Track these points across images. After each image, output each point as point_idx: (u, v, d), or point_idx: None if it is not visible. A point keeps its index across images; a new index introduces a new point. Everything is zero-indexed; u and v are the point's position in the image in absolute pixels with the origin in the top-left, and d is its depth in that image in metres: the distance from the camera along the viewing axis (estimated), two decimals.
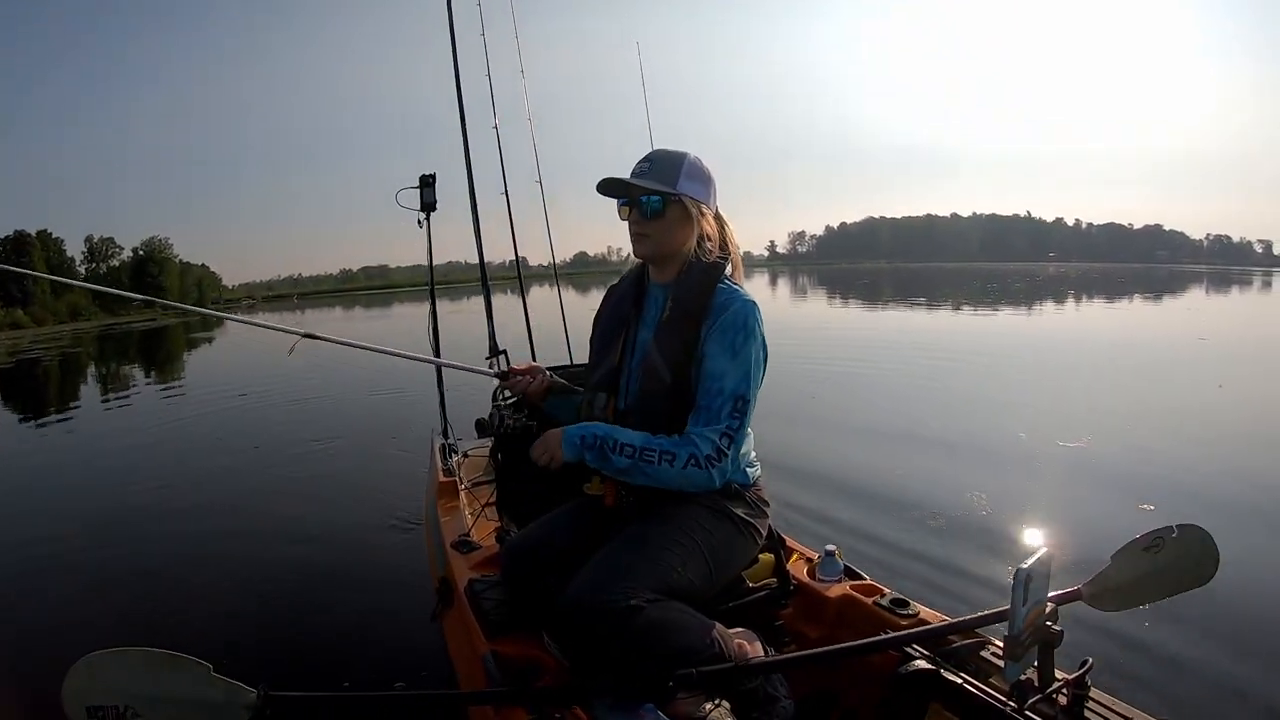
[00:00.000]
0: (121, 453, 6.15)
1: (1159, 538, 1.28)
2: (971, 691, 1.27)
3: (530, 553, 1.44)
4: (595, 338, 1.59)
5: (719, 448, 1.32)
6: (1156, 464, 4.14)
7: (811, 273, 64.46)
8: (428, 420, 3.61)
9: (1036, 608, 1.12)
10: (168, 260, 71.26)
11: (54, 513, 4.35)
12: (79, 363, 17.05)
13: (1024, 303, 20.37)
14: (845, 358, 9.13)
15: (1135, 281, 34.76)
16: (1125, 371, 7.81)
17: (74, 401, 10.27)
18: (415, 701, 1.43)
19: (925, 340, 11.45)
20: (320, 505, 4.09)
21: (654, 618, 1.23)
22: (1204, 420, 5.32)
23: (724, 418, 1.32)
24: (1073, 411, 5.54)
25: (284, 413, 7.25)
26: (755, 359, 1.36)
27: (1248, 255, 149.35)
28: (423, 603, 2.21)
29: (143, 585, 3.10)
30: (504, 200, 3.27)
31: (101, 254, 69.39)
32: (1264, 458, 4.32)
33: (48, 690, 1.17)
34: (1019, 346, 10.61)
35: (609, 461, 1.33)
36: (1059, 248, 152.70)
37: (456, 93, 3.03)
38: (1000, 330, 13.47)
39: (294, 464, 5.24)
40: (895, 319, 16.60)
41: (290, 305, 57.53)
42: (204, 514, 4.07)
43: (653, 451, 1.31)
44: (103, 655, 1.13)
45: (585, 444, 1.33)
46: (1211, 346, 10.07)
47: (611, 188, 1.43)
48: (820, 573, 1.71)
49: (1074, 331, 13.38)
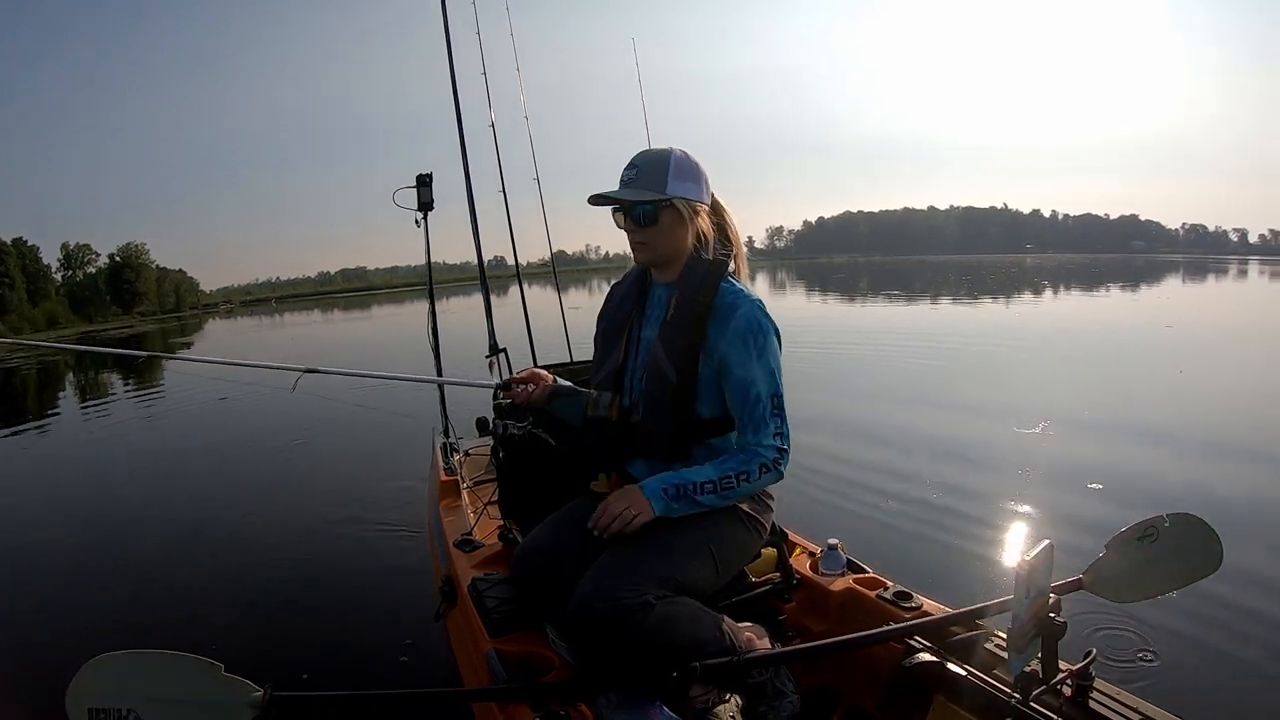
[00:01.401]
0: (119, 457, 6.15)
1: (1151, 527, 1.29)
2: (975, 683, 1.27)
3: (540, 556, 1.44)
4: (599, 336, 1.58)
5: (779, 449, 1.34)
6: (1110, 446, 4.31)
7: (790, 268, 64.72)
8: (428, 419, 3.61)
9: (1039, 599, 1.12)
10: (145, 266, 70.83)
11: (55, 517, 4.34)
12: (57, 371, 16.61)
13: (998, 294, 20.67)
14: (830, 349, 9.23)
15: (1111, 272, 35.43)
16: (1091, 359, 8.04)
17: (52, 409, 10.17)
18: (420, 699, 1.43)
19: (907, 332, 11.64)
20: (321, 505, 4.09)
21: (665, 614, 1.24)
22: (1161, 403, 5.57)
23: (770, 419, 1.34)
24: (1034, 398, 5.70)
25: (283, 414, 7.24)
26: (774, 355, 1.36)
27: (1223, 244, 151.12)
28: (426, 602, 2.21)
29: (144, 587, 3.10)
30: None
31: (78, 260, 68.75)
32: (1214, 435, 4.54)
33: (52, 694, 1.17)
34: (989, 336, 10.74)
35: (697, 504, 1.33)
36: (1036, 239, 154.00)
37: (453, 92, 3.03)
38: (974, 321, 13.66)
39: (294, 464, 5.25)
40: (876, 313, 16.74)
41: (268, 309, 57.23)
42: (204, 516, 4.06)
43: (730, 478, 1.33)
44: (108, 657, 1.12)
45: (670, 496, 1.32)
46: (1177, 334, 10.37)
47: (600, 201, 1.42)
48: (823, 566, 1.72)
49: (1047, 321, 13.54)
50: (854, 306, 18.87)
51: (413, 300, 36.86)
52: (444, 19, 3.00)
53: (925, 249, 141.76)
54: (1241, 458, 4.09)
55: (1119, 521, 1.36)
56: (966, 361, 8.21)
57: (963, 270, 39.71)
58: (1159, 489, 3.55)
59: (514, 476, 1.92)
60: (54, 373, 16.13)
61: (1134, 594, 1.32)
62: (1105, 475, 3.66)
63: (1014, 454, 4.20)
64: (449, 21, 3.00)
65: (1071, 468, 3.85)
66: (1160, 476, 3.77)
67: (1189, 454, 4.16)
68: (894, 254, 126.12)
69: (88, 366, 15.99)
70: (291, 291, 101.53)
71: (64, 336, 31.31)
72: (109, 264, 69.25)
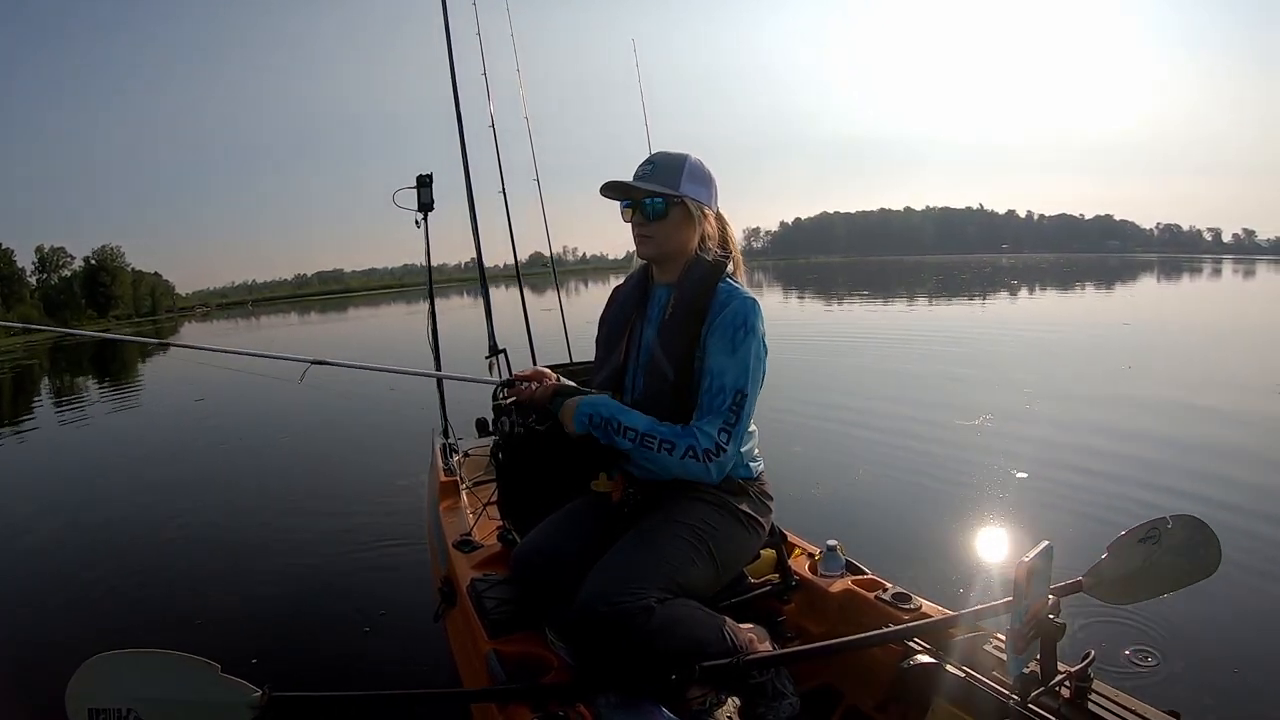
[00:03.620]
0: (115, 458, 6.14)
1: (1155, 529, 1.29)
2: (974, 685, 1.27)
3: (540, 557, 1.44)
4: (601, 337, 1.59)
5: (718, 442, 1.33)
6: (1051, 438, 4.47)
7: (768, 269, 65.23)
8: (428, 420, 3.61)
9: (1038, 601, 1.12)
10: (120, 269, 70.49)
11: (56, 517, 4.33)
12: (32, 375, 16.30)
13: (970, 294, 20.98)
14: (819, 349, 9.30)
15: (1083, 271, 35.99)
16: (1045, 355, 8.25)
17: (28, 414, 9.99)
18: (419, 700, 1.43)
19: (886, 331, 11.79)
20: (321, 505, 4.09)
21: (668, 616, 1.25)
22: (1100, 398, 5.74)
23: (723, 412, 1.34)
24: (979, 394, 5.87)
25: (282, 414, 7.24)
26: (755, 355, 1.37)
27: (1197, 243, 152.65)
28: (425, 602, 2.21)
29: (142, 587, 3.10)
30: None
31: (53, 264, 68.09)
32: (1151, 425, 4.77)
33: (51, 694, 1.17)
34: (954, 334, 10.87)
35: (613, 441, 1.36)
36: (1012, 239, 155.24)
37: (453, 93, 3.03)
38: (948, 320, 13.84)
39: (294, 465, 5.24)
40: (858, 313, 16.82)
41: (245, 311, 57.06)
42: (202, 516, 4.06)
43: (653, 438, 1.34)
44: (108, 657, 1.12)
45: (594, 422, 1.37)
46: (1133, 331, 10.71)
47: (614, 190, 1.44)
48: (822, 568, 1.71)
49: (1012, 320, 13.71)
50: (830, 306, 18.97)
51: (389, 302, 36.99)
52: (444, 18, 3.00)
53: (902, 250, 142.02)
54: (1173, 448, 4.25)
55: (1031, 515, 1.37)
56: (912, 358, 8.43)
57: (937, 270, 40.43)
58: (1085, 481, 3.66)
59: (514, 477, 1.92)
60: (30, 376, 15.86)
61: (1133, 596, 1.32)
62: (1031, 465, 3.89)
63: (969, 445, 4.40)
64: (449, 22, 3.00)
65: (1002, 458, 4.02)
66: (1086, 469, 3.87)
67: (1123, 445, 4.32)
68: (870, 254, 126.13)
69: (62, 371, 15.94)
70: (268, 295, 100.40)
71: (39, 341, 30.96)
72: (84, 267, 68.76)
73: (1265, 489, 3.46)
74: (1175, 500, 3.23)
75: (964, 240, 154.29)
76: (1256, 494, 3.38)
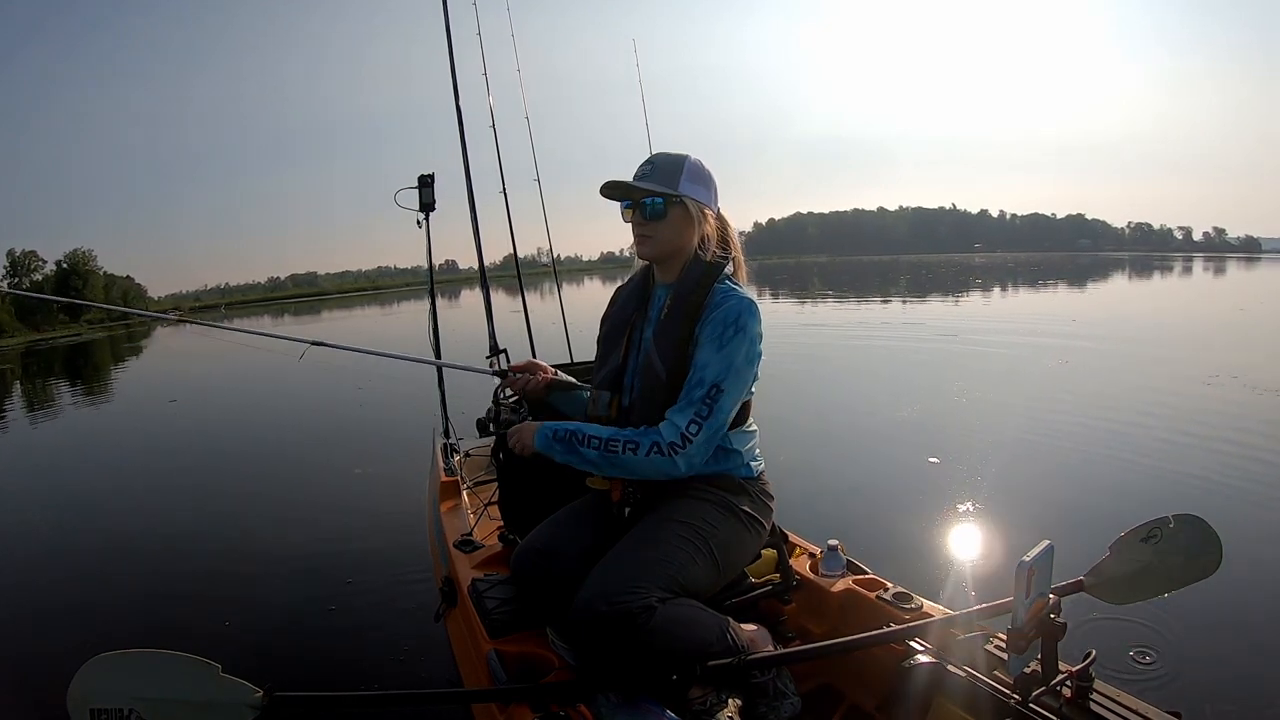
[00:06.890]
0: (114, 458, 6.13)
1: (1156, 528, 1.29)
2: (975, 685, 1.27)
3: (541, 558, 1.44)
4: (601, 338, 1.59)
5: (684, 434, 1.31)
6: (1051, 438, 4.53)
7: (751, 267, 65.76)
8: (428, 420, 3.60)
9: (1039, 600, 1.12)
10: (92, 273, 69.47)
11: (56, 517, 4.34)
12: (5, 380, 15.86)
13: (932, 293, 21.12)
14: (819, 349, 9.32)
15: (1051, 269, 36.30)
16: (983, 354, 8.44)
17: (5, 415, 9.98)
18: (420, 700, 1.43)
19: (886, 331, 11.78)
20: (321, 506, 4.08)
21: (669, 616, 1.24)
22: (1033, 392, 5.94)
23: (696, 403, 1.32)
24: (978, 392, 6.00)
25: (282, 414, 7.24)
26: (743, 354, 1.35)
27: (1168, 242, 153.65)
28: (426, 602, 2.21)
29: (143, 587, 3.09)
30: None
31: (24, 268, 66.82)
32: (1074, 420, 4.92)
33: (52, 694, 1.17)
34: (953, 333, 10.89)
35: (578, 454, 1.36)
36: (985, 238, 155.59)
37: (454, 91, 3.02)
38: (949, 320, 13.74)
39: (294, 465, 5.24)
40: (834, 311, 16.80)
41: (218, 315, 56.86)
42: (203, 517, 4.06)
43: (617, 442, 1.34)
44: (109, 657, 1.13)
45: (557, 437, 1.37)
46: (1078, 327, 11.02)
47: (614, 190, 1.44)
48: (823, 568, 1.72)
49: (965, 317, 13.83)
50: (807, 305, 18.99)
51: (363, 305, 36.96)
52: (445, 19, 3.00)
53: (875, 249, 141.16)
54: (1097, 438, 4.41)
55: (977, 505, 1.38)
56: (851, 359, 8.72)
57: (909, 269, 40.88)
58: (1086, 481, 3.71)
59: (515, 476, 1.92)
60: (2, 381, 15.41)
61: (1133, 596, 1.31)
62: (1031, 464, 3.99)
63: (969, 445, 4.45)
64: (449, 21, 3.00)
65: (1002, 457, 4.07)
66: (1086, 468, 3.94)
67: (1123, 444, 4.34)
68: (843, 254, 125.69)
69: (34, 374, 15.82)
70: (242, 298, 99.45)
71: (11, 346, 30.65)
72: (56, 271, 67.60)
73: (1265, 489, 3.45)
74: (1175, 501, 3.22)
75: (937, 240, 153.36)
76: (1257, 494, 3.38)
